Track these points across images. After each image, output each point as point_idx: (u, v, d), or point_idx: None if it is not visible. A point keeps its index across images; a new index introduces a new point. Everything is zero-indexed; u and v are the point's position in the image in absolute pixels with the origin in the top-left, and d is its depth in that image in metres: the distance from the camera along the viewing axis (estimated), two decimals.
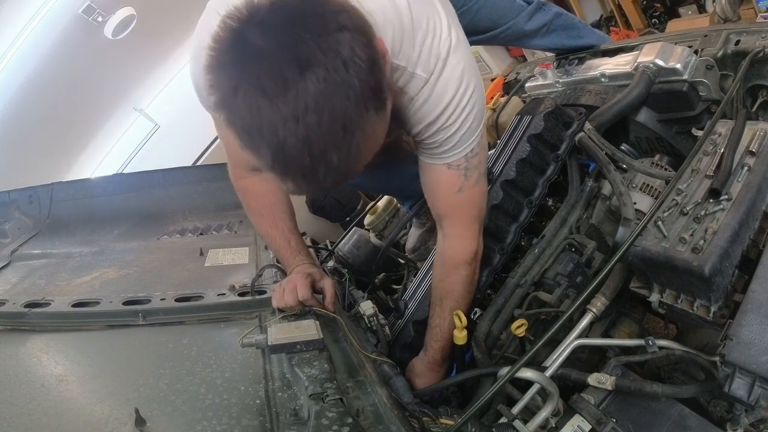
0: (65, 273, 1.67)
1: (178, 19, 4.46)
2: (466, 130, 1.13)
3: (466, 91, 1.09)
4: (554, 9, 1.90)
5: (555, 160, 1.50)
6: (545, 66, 1.93)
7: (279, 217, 1.42)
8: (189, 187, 2.31)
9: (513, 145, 1.52)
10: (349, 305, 1.54)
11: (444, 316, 1.34)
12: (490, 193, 1.46)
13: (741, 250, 1.04)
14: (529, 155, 1.48)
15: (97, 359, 1.16)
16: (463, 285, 1.33)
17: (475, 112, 1.13)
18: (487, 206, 1.43)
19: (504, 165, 1.50)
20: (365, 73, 0.76)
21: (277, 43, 0.73)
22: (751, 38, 1.41)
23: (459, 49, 1.07)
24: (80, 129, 4.54)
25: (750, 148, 1.12)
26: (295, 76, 0.72)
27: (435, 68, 1.05)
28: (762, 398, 0.88)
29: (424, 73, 1.05)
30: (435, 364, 1.38)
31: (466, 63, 1.09)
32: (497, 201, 1.45)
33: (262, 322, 1.24)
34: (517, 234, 1.47)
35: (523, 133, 1.52)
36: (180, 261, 1.76)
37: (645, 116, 1.55)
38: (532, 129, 1.50)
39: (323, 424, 0.81)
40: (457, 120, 1.10)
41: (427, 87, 1.07)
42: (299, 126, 0.73)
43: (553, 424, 1.08)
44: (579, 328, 1.20)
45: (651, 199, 1.30)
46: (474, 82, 1.10)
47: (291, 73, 0.72)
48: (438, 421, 1.09)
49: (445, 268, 1.34)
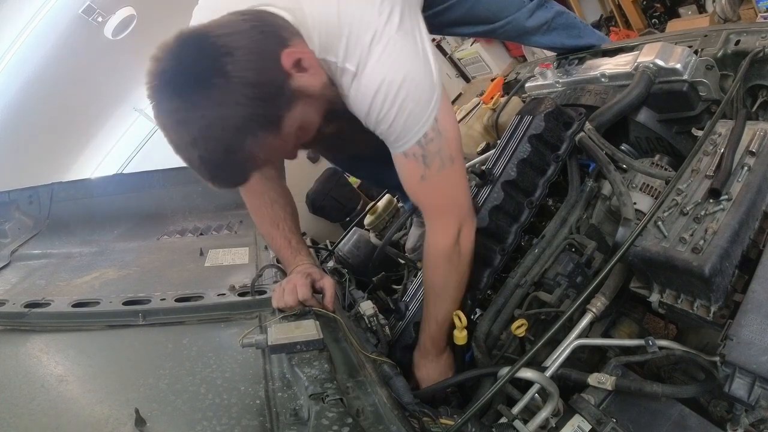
0: (65, 273, 1.67)
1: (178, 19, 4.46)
2: (406, 117, 1.08)
3: (394, 80, 1.04)
4: (556, 7, 1.89)
5: (555, 161, 1.49)
6: (545, 66, 1.93)
7: (280, 216, 1.43)
8: (189, 187, 2.30)
9: (514, 145, 1.51)
10: (350, 305, 1.54)
11: (428, 307, 1.34)
12: (490, 194, 1.46)
13: (741, 250, 1.04)
14: (529, 155, 1.47)
15: (97, 359, 1.16)
16: (443, 279, 1.29)
17: (411, 98, 1.07)
18: (487, 207, 1.43)
19: (505, 165, 1.49)
20: (242, 107, 0.93)
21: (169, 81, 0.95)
22: (751, 38, 1.41)
23: (385, 36, 1.04)
24: (80, 129, 4.54)
25: (750, 148, 1.12)
26: (188, 115, 0.93)
27: (360, 59, 1.04)
28: (762, 398, 0.88)
29: (352, 66, 1.05)
30: (425, 351, 1.37)
31: (395, 49, 1.05)
32: (498, 202, 1.45)
33: (262, 322, 1.24)
34: (518, 235, 1.47)
35: (524, 133, 1.51)
36: (180, 261, 1.76)
37: (645, 116, 1.54)
38: (532, 129, 1.49)
39: (323, 425, 0.81)
40: (391, 110, 1.06)
41: (356, 80, 1.06)
42: (195, 150, 0.95)
43: (553, 424, 1.08)
44: (579, 328, 1.20)
45: (651, 199, 1.30)
46: (405, 69, 1.06)
47: (184, 112, 0.93)
48: (438, 422, 1.09)
49: (425, 261, 1.33)
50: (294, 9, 1.04)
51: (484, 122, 2.84)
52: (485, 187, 1.50)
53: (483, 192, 1.50)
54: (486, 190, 1.49)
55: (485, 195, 1.48)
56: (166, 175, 2.32)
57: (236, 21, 0.99)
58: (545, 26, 1.84)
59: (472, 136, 2.93)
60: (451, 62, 6.04)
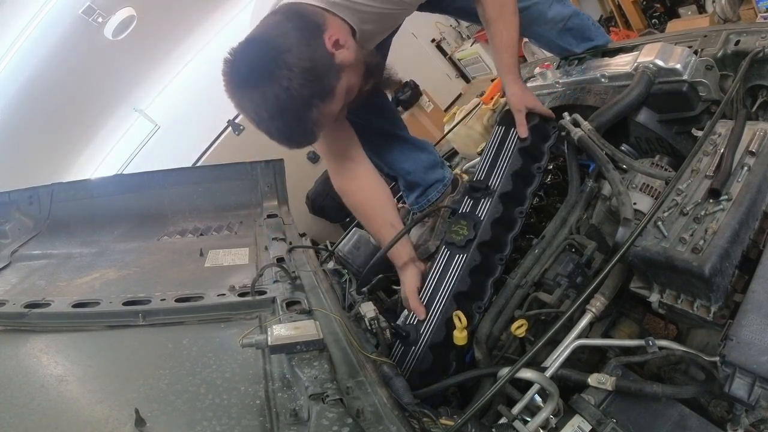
0: (65, 273, 1.67)
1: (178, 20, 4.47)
2: None
3: None
4: (572, 7, 1.94)
5: (538, 172, 1.57)
6: (545, 66, 1.94)
7: (377, 210, 1.68)
8: (189, 187, 2.30)
9: (507, 158, 1.56)
10: (350, 306, 1.54)
11: (502, 37, 1.58)
12: (490, 207, 1.50)
13: (741, 250, 1.04)
14: (520, 168, 1.53)
15: (97, 359, 1.16)
16: (511, 6, 1.56)
17: None
18: (489, 219, 1.48)
19: (501, 178, 1.53)
20: (305, 88, 1.20)
21: (246, 77, 1.22)
22: (751, 38, 1.41)
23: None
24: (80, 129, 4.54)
25: (750, 148, 1.12)
26: (264, 98, 1.20)
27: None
28: (762, 398, 0.88)
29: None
30: (517, 75, 1.62)
31: None
32: (498, 215, 1.48)
33: (262, 323, 1.24)
34: (513, 243, 1.51)
35: (514, 145, 1.57)
36: (180, 261, 1.76)
37: (645, 116, 1.55)
38: (522, 142, 1.56)
39: (323, 425, 0.81)
40: None
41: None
42: (273, 123, 1.24)
43: (554, 425, 1.08)
44: (579, 329, 1.21)
45: (651, 199, 1.30)
46: None
47: (261, 97, 1.20)
48: (438, 422, 1.09)
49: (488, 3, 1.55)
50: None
51: (484, 122, 2.84)
52: (484, 199, 1.52)
53: (483, 204, 1.52)
54: (486, 203, 1.51)
55: (485, 207, 1.51)
56: (166, 175, 2.32)
57: (280, 22, 1.27)
58: (561, 23, 1.88)
59: (472, 136, 2.93)
60: (451, 62, 6.05)
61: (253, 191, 2.30)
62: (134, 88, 4.72)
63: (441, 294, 1.43)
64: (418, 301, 1.45)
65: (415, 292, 1.49)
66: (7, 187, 2.26)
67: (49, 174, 3.25)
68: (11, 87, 3.66)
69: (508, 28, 1.58)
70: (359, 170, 1.69)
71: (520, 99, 1.60)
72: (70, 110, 4.13)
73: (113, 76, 4.31)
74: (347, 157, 1.68)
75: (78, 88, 4.01)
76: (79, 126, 4.43)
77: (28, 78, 3.68)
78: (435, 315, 1.41)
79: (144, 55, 4.42)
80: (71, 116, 4.20)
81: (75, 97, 4.05)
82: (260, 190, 2.30)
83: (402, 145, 2.04)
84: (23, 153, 3.98)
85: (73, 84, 3.94)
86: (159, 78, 4.87)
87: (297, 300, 1.30)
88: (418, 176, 2.06)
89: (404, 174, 2.08)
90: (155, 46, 4.49)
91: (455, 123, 3.14)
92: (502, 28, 1.58)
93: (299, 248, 1.74)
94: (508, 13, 1.57)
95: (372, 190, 1.69)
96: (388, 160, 2.04)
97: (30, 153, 4.05)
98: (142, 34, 4.05)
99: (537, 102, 1.62)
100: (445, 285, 1.44)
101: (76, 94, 4.04)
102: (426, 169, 2.07)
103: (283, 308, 1.25)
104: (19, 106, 3.77)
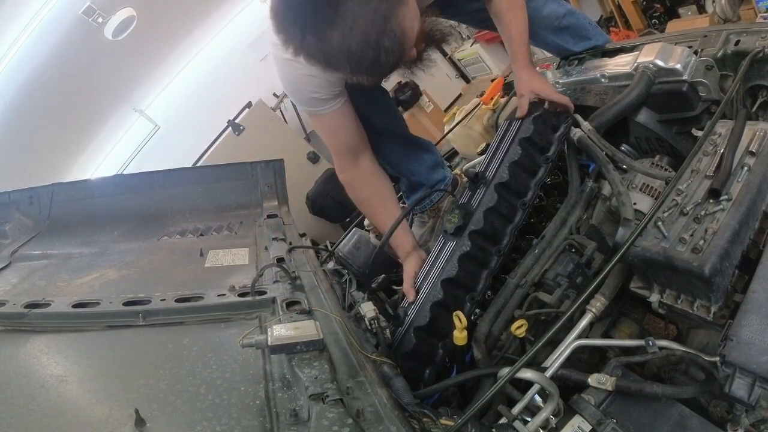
0: (65, 274, 1.67)
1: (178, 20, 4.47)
2: None
3: None
4: (568, 6, 1.95)
5: (545, 162, 1.53)
6: (545, 66, 1.94)
7: (382, 203, 1.75)
8: (189, 188, 2.30)
9: (505, 148, 1.54)
10: (350, 306, 1.54)
11: (515, 26, 1.65)
12: (484, 197, 1.48)
13: (741, 250, 1.04)
14: (520, 158, 1.50)
15: (97, 360, 1.16)
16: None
17: None
18: (482, 209, 1.46)
19: (497, 168, 1.51)
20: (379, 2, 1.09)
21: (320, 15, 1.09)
22: (751, 38, 1.41)
23: None
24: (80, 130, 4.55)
25: (750, 148, 1.12)
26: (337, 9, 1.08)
27: None
28: (762, 398, 0.88)
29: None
30: (529, 63, 1.67)
31: None
32: (492, 204, 1.46)
33: (262, 323, 1.24)
34: (513, 235, 1.48)
35: (514, 136, 1.54)
36: (180, 262, 1.76)
37: (645, 117, 1.55)
38: (522, 132, 1.53)
39: (323, 425, 0.81)
40: None
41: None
42: (353, 34, 1.08)
43: (554, 425, 1.08)
44: (579, 329, 1.20)
45: (651, 199, 1.30)
46: None
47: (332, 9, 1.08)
48: (438, 422, 1.09)
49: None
50: None
51: (484, 123, 2.84)
52: (479, 190, 1.50)
53: (477, 195, 1.50)
54: (480, 193, 1.50)
55: (479, 198, 1.49)
56: (166, 175, 2.32)
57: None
58: (556, 21, 1.89)
59: (472, 136, 2.93)
60: (451, 63, 6.05)
61: (253, 191, 2.31)
62: (134, 89, 4.72)
63: (429, 279, 1.46)
64: (411, 284, 1.51)
65: (412, 277, 1.54)
66: (7, 187, 2.26)
67: (49, 174, 3.26)
68: (11, 87, 3.66)
69: (517, 18, 1.65)
70: (367, 166, 1.75)
71: (526, 83, 1.63)
72: (71, 110, 4.14)
73: (113, 77, 4.31)
74: (356, 153, 1.73)
75: (78, 89, 4.02)
76: (79, 126, 4.44)
77: (28, 78, 3.68)
78: (421, 299, 1.44)
79: (144, 55, 4.42)
80: (71, 116, 4.20)
81: (75, 97, 4.05)
82: (260, 190, 2.30)
83: (405, 145, 2.05)
84: (23, 153, 3.98)
85: (73, 84, 3.95)
86: (159, 78, 4.88)
87: (297, 300, 1.30)
88: (422, 177, 2.06)
89: (408, 174, 2.07)
90: (155, 46, 4.49)
91: (455, 123, 3.14)
92: (512, 18, 1.65)
93: (299, 248, 1.74)
94: (518, 6, 1.65)
95: (378, 185, 1.77)
96: (391, 160, 2.02)
97: (30, 153, 4.05)
98: (142, 34, 4.05)
99: (547, 88, 1.63)
100: (434, 271, 1.46)
101: (76, 94, 4.04)
102: (429, 170, 2.07)
103: (283, 308, 1.25)
104: (20, 106, 3.77)
